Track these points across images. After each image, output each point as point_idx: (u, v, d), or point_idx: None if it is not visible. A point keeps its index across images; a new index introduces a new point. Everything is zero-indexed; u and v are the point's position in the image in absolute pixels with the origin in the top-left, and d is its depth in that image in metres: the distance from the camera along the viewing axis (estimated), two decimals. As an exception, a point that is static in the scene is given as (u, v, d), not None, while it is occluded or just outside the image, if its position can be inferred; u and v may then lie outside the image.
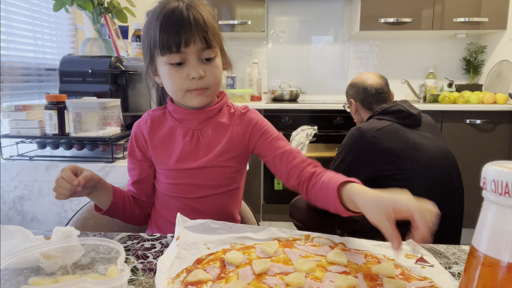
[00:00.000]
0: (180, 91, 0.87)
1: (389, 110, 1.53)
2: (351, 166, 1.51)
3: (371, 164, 1.47)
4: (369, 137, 1.46)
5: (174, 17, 0.83)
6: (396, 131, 1.47)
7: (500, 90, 2.72)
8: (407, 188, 1.46)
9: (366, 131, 1.47)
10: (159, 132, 0.95)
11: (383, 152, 1.45)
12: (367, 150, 1.47)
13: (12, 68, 2.00)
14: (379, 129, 1.47)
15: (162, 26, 0.82)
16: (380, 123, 1.50)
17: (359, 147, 1.49)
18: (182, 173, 0.92)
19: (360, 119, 1.73)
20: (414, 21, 2.72)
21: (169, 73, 0.86)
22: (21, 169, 1.52)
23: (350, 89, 1.74)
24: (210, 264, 0.60)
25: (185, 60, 0.85)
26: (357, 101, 1.70)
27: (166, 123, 0.95)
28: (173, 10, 0.83)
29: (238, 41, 3.22)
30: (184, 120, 0.94)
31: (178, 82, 0.86)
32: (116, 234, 0.76)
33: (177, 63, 0.84)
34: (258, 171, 2.68)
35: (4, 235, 0.56)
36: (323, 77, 3.25)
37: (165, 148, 0.93)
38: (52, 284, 0.51)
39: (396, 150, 1.45)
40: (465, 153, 2.50)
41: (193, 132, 0.93)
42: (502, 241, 0.30)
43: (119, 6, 1.99)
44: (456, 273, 0.61)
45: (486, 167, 0.30)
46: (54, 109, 1.46)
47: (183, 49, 0.83)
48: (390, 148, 1.45)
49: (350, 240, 0.69)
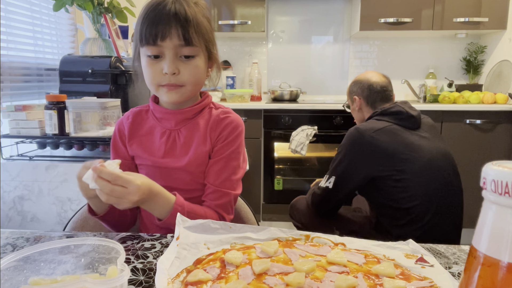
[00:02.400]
0: (153, 84, 0.88)
1: (388, 111, 1.54)
2: (349, 166, 1.51)
3: (369, 164, 1.47)
4: (367, 137, 1.46)
5: (157, 10, 0.82)
6: (394, 132, 1.47)
7: (500, 90, 2.72)
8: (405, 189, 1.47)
9: (364, 131, 1.48)
10: (140, 129, 0.96)
11: (380, 153, 1.45)
12: (365, 150, 1.48)
13: (12, 68, 2.00)
14: (377, 129, 1.47)
15: (145, 17, 0.83)
16: (379, 124, 1.50)
17: (357, 147, 1.49)
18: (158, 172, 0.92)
19: (362, 118, 1.73)
20: (414, 21, 2.72)
21: (146, 64, 0.86)
22: (21, 169, 1.52)
23: (354, 86, 1.73)
24: (210, 264, 0.60)
25: (162, 54, 0.84)
26: (362, 98, 1.69)
27: (147, 121, 0.96)
28: (159, 2, 0.83)
29: (238, 41, 3.22)
30: (163, 120, 0.94)
31: (152, 75, 0.86)
32: (116, 234, 0.76)
33: (154, 55, 0.85)
34: (258, 171, 2.68)
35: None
36: (323, 77, 3.25)
37: (142, 145, 0.94)
38: (52, 284, 0.51)
39: (394, 151, 1.45)
40: (465, 153, 2.50)
41: (170, 132, 0.93)
42: (502, 241, 0.30)
43: (119, 6, 1.99)
44: (456, 273, 0.61)
45: (486, 167, 0.30)
46: (54, 109, 1.46)
47: (160, 42, 0.82)
48: (387, 148, 1.45)
49: (350, 240, 0.69)
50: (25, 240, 0.72)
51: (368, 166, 1.48)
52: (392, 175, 1.45)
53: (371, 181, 1.49)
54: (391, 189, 1.46)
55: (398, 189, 1.45)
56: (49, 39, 2.35)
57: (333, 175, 1.54)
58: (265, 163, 2.69)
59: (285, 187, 2.72)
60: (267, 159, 2.68)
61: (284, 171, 2.73)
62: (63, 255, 0.54)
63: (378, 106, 1.64)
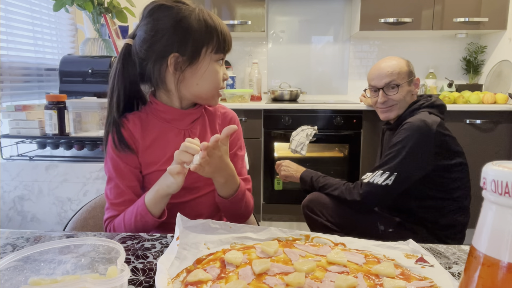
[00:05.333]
0: (217, 88, 0.93)
1: (435, 104, 1.55)
2: (415, 160, 1.45)
3: (433, 158, 1.47)
4: (434, 131, 1.45)
5: (221, 24, 0.92)
6: (446, 126, 1.52)
7: (500, 90, 2.72)
8: (455, 180, 1.52)
9: (431, 125, 1.45)
10: (149, 133, 0.93)
11: (444, 146, 1.49)
12: (432, 144, 1.45)
13: (12, 68, 2.00)
14: (440, 123, 1.49)
15: (217, 27, 0.89)
16: (436, 118, 1.50)
17: (426, 140, 1.44)
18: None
19: (405, 103, 1.59)
20: (414, 21, 2.72)
21: (217, 69, 0.92)
22: (21, 169, 1.52)
23: (409, 65, 1.62)
24: (210, 264, 0.60)
25: (222, 59, 0.94)
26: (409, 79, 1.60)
27: (155, 124, 0.94)
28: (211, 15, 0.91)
29: (238, 41, 3.22)
30: (174, 121, 0.94)
31: (219, 80, 0.93)
32: (116, 234, 0.76)
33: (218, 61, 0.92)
34: (258, 171, 2.68)
35: None
36: (323, 77, 3.25)
37: (157, 148, 0.93)
38: (52, 284, 0.51)
39: (450, 144, 1.50)
40: (465, 153, 2.50)
41: (184, 132, 0.94)
42: (502, 241, 0.30)
43: (119, 6, 1.99)
44: (456, 273, 0.61)
45: (486, 167, 0.30)
46: (54, 109, 1.46)
47: (228, 52, 0.94)
48: (446, 142, 1.49)
49: (350, 240, 0.69)
50: (25, 240, 0.72)
51: (432, 160, 1.47)
52: (446, 167, 1.49)
53: (426, 175, 1.48)
54: (443, 180, 1.50)
55: (448, 180, 1.50)
56: (49, 39, 2.35)
57: (395, 171, 1.44)
58: (265, 163, 2.69)
59: (285, 187, 2.72)
60: (267, 159, 2.68)
61: (284, 171, 2.73)
62: (63, 255, 0.54)
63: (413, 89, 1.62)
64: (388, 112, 1.61)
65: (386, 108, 1.61)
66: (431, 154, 1.46)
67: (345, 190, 1.53)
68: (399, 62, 1.62)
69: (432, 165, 1.47)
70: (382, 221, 1.57)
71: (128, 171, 0.91)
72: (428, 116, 1.49)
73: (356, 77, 3.21)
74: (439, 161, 1.47)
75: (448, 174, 1.50)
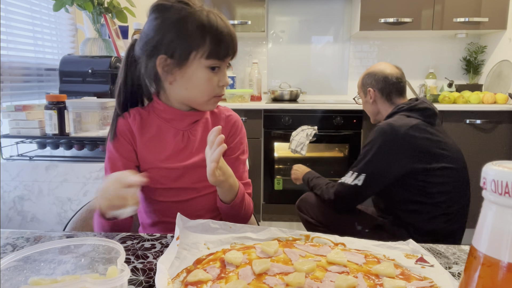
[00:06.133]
0: (209, 95, 0.90)
1: (416, 107, 1.53)
2: (382, 163, 1.49)
3: (404, 161, 1.47)
4: (402, 133, 1.45)
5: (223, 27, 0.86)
6: (424, 129, 1.49)
7: (500, 90, 2.72)
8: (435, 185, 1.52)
9: (399, 127, 1.46)
10: (147, 130, 0.94)
11: (416, 149, 1.46)
12: (400, 147, 1.46)
13: (12, 68, 2.00)
14: (412, 125, 1.47)
15: (213, 31, 0.84)
16: (411, 120, 1.49)
17: (391, 144, 1.47)
18: (170, 172, 0.92)
19: (376, 110, 1.71)
20: (414, 21, 2.72)
21: (207, 77, 0.88)
22: (21, 169, 1.52)
23: (367, 78, 1.69)
24: (210, 264, 0.60)
25: (220, 66, 0.89)
26: (376, 90, 1.67)
27: (154, 122, 0.94)
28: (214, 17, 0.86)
29: (238, 41, 3.21)
30: (173, 121, 0.94)
31: (212, 87, 0.89)
32: (116, 234, 0.76)
33: (214, 67, 0.87)
34: (258, 171, 2.68)
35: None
36: (323, 77, 3.25)
37: (155, 146, 0.93)
38: (52, 284, 0.51)
39: (427, 147, 1.47)
40: (465, 153, 2.48)
41: (183, 132, 0.94)
42: (502, 241, 0.30)
43: (119, 6, 1.99)
44: (456, 273, 0.61)
45: (486, 167, 0.30)
46: (54, 109, 1.46)
47: (225, 58, 0.88)
48: (422, 145, 1.46)
49: (350, 240, 0.69)
50: (25, 240, 0.72)
51: (403, 162, 1.47)
52: (424, 171, 1.47)
53: (400, 177, 1.49)
54: (422, 184, 1.47)
55: (429, 184, 1.47)
56: (49, 39, 2.35)
57: (363, 172, 1.50)
58: (265, 163, 2.69)
59: (285, 187, 2.72)
60: (267, 159, 2.68)
61: (284, 171, 2.73)
62: (63, 255, 0.54)
63: (394, 98, 1.63)
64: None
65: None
66: (401, 156, 1.46)
67: (325, 189, 1.63)
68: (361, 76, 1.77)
69: (406, 167, 1.46)
70: (361, 221, 1.61)
71: (121, 164, 0.91)
72: (402, 119, 1.51)
73: (356, 77, 3.21)
74: (415, 164, 1.46)
75: (427, 178, 1.47)
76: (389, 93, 1.64)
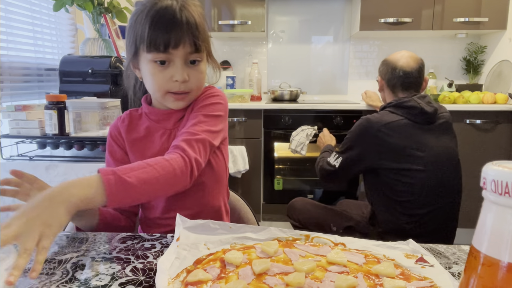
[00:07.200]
0: (160, 91, 0.86)
1: (403, 104, 1.53)
2: (354, 154, 1.56)
3: (372, 156, 1.52)
4: (374, 130, 1.50)
5: (167, 16, 0.80)
6: (403, 128, 1.49)
7: (500, 90, 2.72)
8: (405, 183, 1.52)
9: (373, 124, 1.51)
10: (136, 131, 0.94)
11: (385, 147, 1.49)
12: (370, 143, 1.51)
13: (12, 68, 2.00)
14: (386, 123, 1.49)
15: (153, 23, 0.80)
16: (390, 117, 1.51)
17: (363, 138, 1.53)
18: None
19: (383, 98, 1.74)
20: (414, 21, 2.72)
21: (153, 71, 0.84)
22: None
23: (382, 65, 1.70)
24: (210, 264, 0.60)
25: (170, 60, 0.83)
26: (384, 79, 1.67)
27: (143, 123, 0.95)
28: (166, 8, 0.81)
29: (238, 41, 3.22)
30: (161, 121, 0.94)
31: (160, 82, 0.85)
32: (116, 234, 0.76)
33: (161, 61, 0.83)
34: (258, 171, 2.68)
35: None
36: (323, 77, 3.25)
37: (142, 147, 0.93)
38: None
39: (398, 147, 1.48)
40: (465, 153, 2.50)
41: (170, 132, 0.93)
42: (502, 241, 0.30)
43: (119, 6, 1.99)
44: (456, 273, 0.61)
45: (486, 167, 0.30)
46: (54, 109, 1.46)
47: (171, 50, 0.81)
48: (391, 144, 1.48)
49: (350, 240, 0.69)
50: (25, 240, 0.72)
51: (372, 158, 1.52)
52: (394, 169, 1.49)
53: (373, 170, 1.54)
54: (391, 181, 1.51)
55: (398, 182, 1.49)
56: (49, 39, 2.35)
57: (340, 156, 1.60)
58: (265, 163, 2.69)
59: (285, 187, 2.72)
60: (267, 159, 2.68)
61: (284, 171, 2.73)
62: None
63: (397, 92, 1.63)
64: None
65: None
66: (370, 151, 1.52)
67: (320, 162, 1.75)
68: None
69: (373, 162, 1.52)
70: (336, 222, 1.70)
71: (113, 165, 0.93)
72: (384, 114, 1.54)
73: (356, 77, 3.21)
74: (383, 160, 1.50)
75: (395, 176, 1.49)
76: (394, 85, 1.63)
